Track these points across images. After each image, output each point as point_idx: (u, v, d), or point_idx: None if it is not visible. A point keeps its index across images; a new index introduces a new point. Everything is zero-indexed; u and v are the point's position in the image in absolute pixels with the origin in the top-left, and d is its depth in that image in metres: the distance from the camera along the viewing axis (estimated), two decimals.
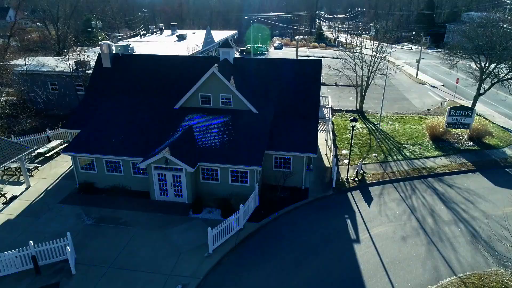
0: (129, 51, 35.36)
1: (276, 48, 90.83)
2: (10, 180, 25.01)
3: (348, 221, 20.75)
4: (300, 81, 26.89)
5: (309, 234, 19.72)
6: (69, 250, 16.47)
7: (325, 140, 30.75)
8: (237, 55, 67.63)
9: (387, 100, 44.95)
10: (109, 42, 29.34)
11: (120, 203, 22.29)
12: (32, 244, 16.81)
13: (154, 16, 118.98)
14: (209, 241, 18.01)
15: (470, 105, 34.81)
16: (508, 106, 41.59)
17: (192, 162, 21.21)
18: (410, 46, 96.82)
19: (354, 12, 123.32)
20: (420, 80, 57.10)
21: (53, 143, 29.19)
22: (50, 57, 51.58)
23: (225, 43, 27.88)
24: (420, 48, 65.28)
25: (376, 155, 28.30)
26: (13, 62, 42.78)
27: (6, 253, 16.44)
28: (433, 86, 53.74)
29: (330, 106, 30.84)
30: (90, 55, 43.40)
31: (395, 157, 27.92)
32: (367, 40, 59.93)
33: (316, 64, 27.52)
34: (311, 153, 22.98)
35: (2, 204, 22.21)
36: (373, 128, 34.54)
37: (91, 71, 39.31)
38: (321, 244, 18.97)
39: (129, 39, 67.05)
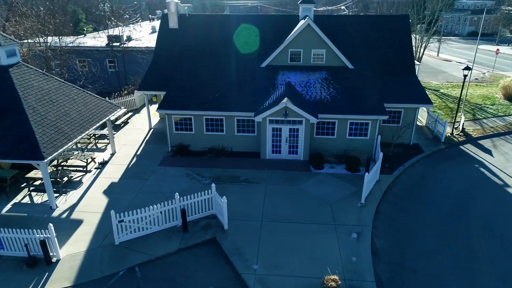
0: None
1: None
2: (88, 147, 22.34)
3: (482, 169, 19.59)
4: (389, 37, 25.51)
5: (449, 183, 18.40)
6: (225, 200, 14.31)
7: None
8: None
9: (428, 73, 44.66)
10: (177, 0, 26.93)
11: (227, 163, 20.18)
12: (178, 196, 14.58)
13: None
14: (363, 189, 16.30)
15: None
16: None
17: (313, 113, 19.44)
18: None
19: (346, 2, 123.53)
20: (443, 58, 57.32)
21: (119, 112, 26.44)
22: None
23: None
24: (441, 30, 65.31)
25: (462, 114, 27.40)
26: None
27: (152, 207, 14.14)
28: (459, 62, 53.97)
29: (418, 63, 29.77)
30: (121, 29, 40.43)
31: (483, 115, 27.13)
32: None
33: (403, 19, 26.30)
34: (426, 104, 21.72)
35: (94, 168, 19.62)
36: (436, 94, 33.78)
37: (127, 44, 36.85)
38: (469, 190, 17.68)
39: (141, 23, 63.80)
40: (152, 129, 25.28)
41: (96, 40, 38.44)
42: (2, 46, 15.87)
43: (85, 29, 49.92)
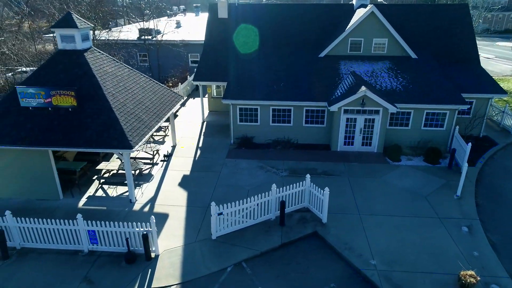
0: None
1: None
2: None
3: None
4: (449, 26, 24.57)
5: None
6: (327, 192, 13.35)
7: None
8: None
9: None
10: None
11: (298, 156, 19.24)
12: (276, 187, 13.63)
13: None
14: (460, 181, 15.42)
15: None
16: None
17: (391, 102, 18.52)
18: None
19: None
20: None
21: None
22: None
23: None
24: None
25: None
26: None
27: (249, 199, 13.20)
28: (487, 58, 53.12)
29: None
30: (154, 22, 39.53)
31: None
32: None
33: (463, 8, 25.40)
34: (500, 94, 20.83)
35: (160, 161, 18.66)
36: None
37: (159, 37, 35.86)
38: None
39: (160, 18, 62.78)
40: (205, 122, 24.32)
41: (131, 33, 37.55)
42: (79, 29, 14.89)
43: (111, 22, 48.68)
